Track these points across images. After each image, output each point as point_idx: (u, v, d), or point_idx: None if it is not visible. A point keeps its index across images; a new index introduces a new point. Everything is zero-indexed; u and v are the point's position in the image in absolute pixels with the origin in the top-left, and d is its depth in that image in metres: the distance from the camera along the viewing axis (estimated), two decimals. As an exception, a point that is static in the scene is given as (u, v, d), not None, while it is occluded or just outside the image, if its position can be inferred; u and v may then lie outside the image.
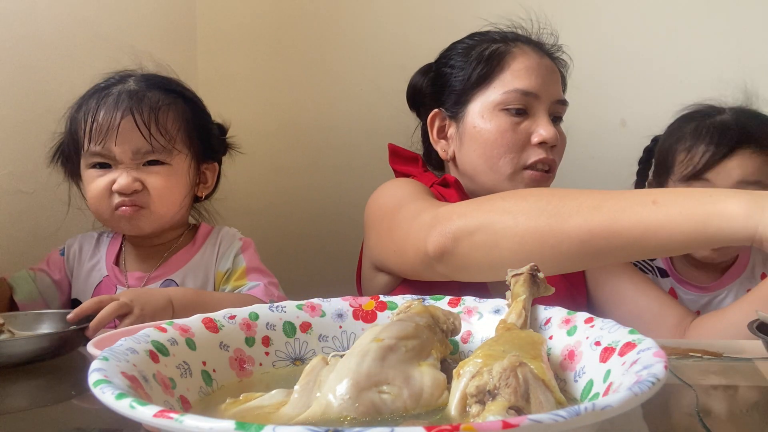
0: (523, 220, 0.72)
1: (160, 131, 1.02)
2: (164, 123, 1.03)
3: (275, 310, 0.60)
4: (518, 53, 1.04)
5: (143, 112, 1.01)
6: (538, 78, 1.01)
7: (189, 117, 1.08)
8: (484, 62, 1.03)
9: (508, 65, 1.02)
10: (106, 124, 1.00)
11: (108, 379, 0.39)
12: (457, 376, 0.44)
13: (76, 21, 1.29)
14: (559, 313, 0.57)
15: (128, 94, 1.03)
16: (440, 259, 0.77)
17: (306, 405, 0.44)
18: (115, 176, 1.01)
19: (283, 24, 1.64)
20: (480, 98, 1.02)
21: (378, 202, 0.99)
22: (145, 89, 1.04)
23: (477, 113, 1.02)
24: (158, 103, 1.03)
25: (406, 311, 0.56)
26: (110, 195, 1.02)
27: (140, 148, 1.01)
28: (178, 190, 1.06)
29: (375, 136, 1.54)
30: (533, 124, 1.00)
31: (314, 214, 1.61)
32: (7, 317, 0.86)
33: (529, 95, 1.00)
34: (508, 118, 1.00)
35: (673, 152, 1.16)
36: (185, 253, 1.09)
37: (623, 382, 0.41)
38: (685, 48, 1.44)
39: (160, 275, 1.07)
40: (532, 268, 0.63)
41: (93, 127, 1.01)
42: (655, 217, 0.67)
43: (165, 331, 0.51)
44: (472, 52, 1.05)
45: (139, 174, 1.02)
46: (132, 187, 1.01)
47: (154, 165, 1.03)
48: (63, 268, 1.11)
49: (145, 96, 1.03)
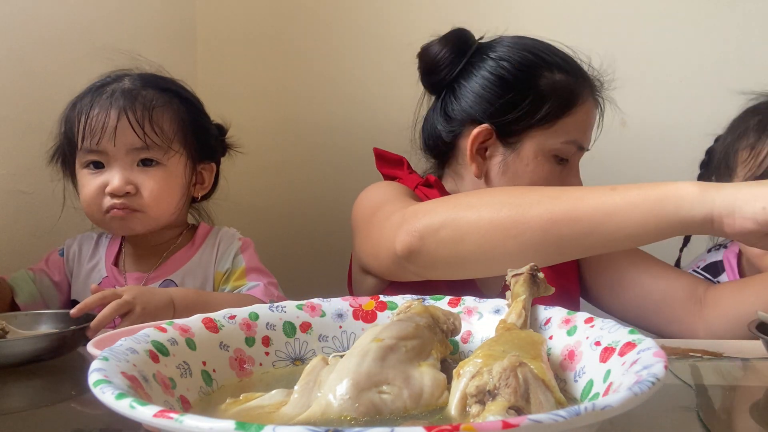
0: (486, 212, 0.73)
1: (154, 130, 1.01)
2: (159, 121, 1.02)
3: (275, 310, 0.60)
4: (586, 102, 0.98)
5: (137, 110, 1.00)
6: (590, 132, 0.99)
7: (185, 116, 1.06)
8: (556, 99, 0.96)
9: (575, 112, 0.96)
10: (100, 122, 1.00)
11: (108, 379, 0.39)
12: (457, 376, 0.44)
13: (76, 22, 1.29)
14: (559, 313, 0.57)
15: (122, 92, 1.02)
16: (409, 257, 0.78)
17: (306, 405, 0.44)
18: (108, 177, 1.00)
19: (283, 24, 1.64)
20: (540, 136, 0.96)
21: (360, 206, 0.99)
22: (140, 87, 1.03)
23: (533, 151, 0.96)
24: (153, 101, 1.02)
25: (406, 311, 0.56)
26: (103, 196, 1.01)
27: (134, 146, 1.00)
28: (173, 192, 1.05)
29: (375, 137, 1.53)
30: (568, 176, 0.98)
31: (314, 214, 1.61)
32: (6, 317, 0.86)
33: (582, 150, 0.98)
34: (555, 166, 0.97)
35: (735, 150, 1.04)
36: (184, 254, 1.09)
37: (623, 382, 0.41)
38: (685, 48, 1.44)
39: (159, 276, 1.07)
40: (532, 268, 0.63)
41: (86, 125, 1.00)
42: (612, 201, 0.68)
43: (165, 331, 0.51)
44: (542, 81, 0.96)
45: (133, 175, 1.01)
46: (124, 190, 1.00)
47: (148, 165, 1.02)
48: (62, 269, 1.10)
49: (139, 94, 1.02)
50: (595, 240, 0.70)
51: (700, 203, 0.64)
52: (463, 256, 0.74)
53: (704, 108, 1.42)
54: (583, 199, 0.70)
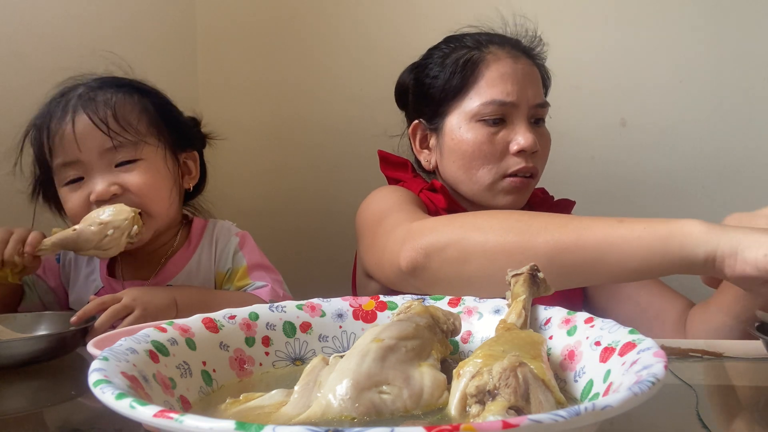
0: (492, 236, 0.73)
1: (120, 124, 0.97)
2: (123, 115, 0.98)
3: (275, 310, 0.60)
4: (492, 60, 1.02)
5: (98, 110, 0.97)
6: (514, 85, 1.00)
7: (150, 107, 1.03)
8: (459, 72, 1.02)
9: (483, 74, 1.01)
10: (62, 131, 0.96)
11: (108, 379, 0.39)
12: (457, 376, 0.44)
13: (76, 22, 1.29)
14: (559, 313, 0.57)
15: (79, 97, 0.99)
16: (412, 273, 0.78)
17: (306, 405, 0.44)
18: (90, 186, 0.97)
19: (283, 24, 1.64)
20: (457, 109, 1.02)
21: (365, 212, 1.00)
22: (96, 89, 1.00)
23: (455, 125, 1.02)
24: (112, 98, 0.99)
25: (406, 311, 0.56)
26: (90, 207, 0.96)
27: (104, 147, 0.96)
28: (161, 183, 1.01)
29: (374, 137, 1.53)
30: (511, 133, 0.99)
31: (314, 214, 1.61)
32: (5, 318, 0.86)
33: (506, 105, 0.99)
34: (485, 128, 0.99)
35: None
36: (182, 256, 1.06)
37: (623, 382, 0.41)
38: (685, 48, 1.44)
39: (159, 282, 1.03)
40: (532, 268, 0.63)
41: (51, 139, 0.97)
42: (618, 233, 0.68)
43: (165, 331, 0.51)
44: (447, 61, 1.04)
45: (113, 177, 0.97)
46: (109, 192, 0.96)
47: (126, 165, 0.98)
48: (58, 275, 1.08)
49: (97, 95, 0.99)
50: (599, 271, 0.70)
51: (705, 242, 0.64)
52: (468, 277, 0.74)
53: (704, 108, 1.43)
54: (589, 228, 0.70)
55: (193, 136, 1.10)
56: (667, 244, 0.66)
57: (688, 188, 1.44)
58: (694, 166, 1.39)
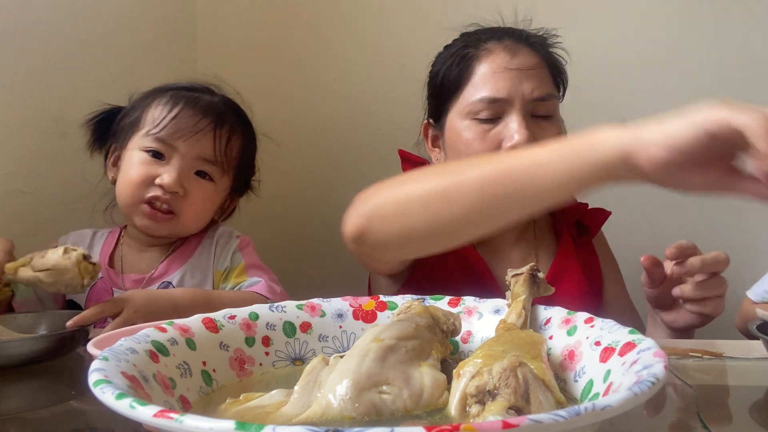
0: (426, 182, 0.73)
1: (226, 151, 1.07)
2: (233, 146, 1.09)
3: (275, 310, 0.60)
4: (485, 56, 1.00)
5: (224, 128, 1.07)
6: (506, 81, 0.98)
7: (248, 151, 1.13)
8: (455, 69, 1.02)
9: (475, 72, 1.00)
10: (190, 123, 1.04)
11: (108, 379, 0.39)
12: (457, 376, 0.44)
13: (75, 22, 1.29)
14: (559, 313, 0.57)
15: (215, 107, 1.08)
16: (359, 240, 0.76)
17: (306, 405, 0.44)
18: (165, 171, 1.02)
19: (284, 25, 1.64)
20: (455, 107, 1.01)
21: None
22: (229, 110, 1.11)
23: (453, 123, 1.01)
24: (237, 127, 1.10)
25: (406, 311, 0.57)
26: (149, 186, 1.02)
27: (204, 156, 1.04)
28: (210, 209, 1.09)
29: (376, 136, 1.53)
30: (505, 129, 0.97)
31: (314, 214, 1.61)
32: (5, 318, 0.86)
33: (497, 102, 0.97)
34: (478, 126, 0.98)
35: None
36: (182, 254, 1.09)
37: (623, 382, 0.41)
38: (685, 48, 1.44)
39: (158, 277, 1.06)
40: (531, 268, 0.63)
41: (175, 119, 1.03)
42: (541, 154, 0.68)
43: (165, 331, 0.51)
44: (448, 59, 1.04)
45: (187, 180, 1.04)
46: (175, 188, 1.02)
47: (202, 177, 1.05)
48: None
49: (229, 116, 1.09)
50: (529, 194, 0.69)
51: (614, 138, 0.61)
52: (410, 228, 0.74)
53: (704, 108, 1.42)
54: (516, 157, 0.70)
55: (249, 183, 1.19)
56: (579, 150, 0.65)
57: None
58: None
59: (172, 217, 1.04)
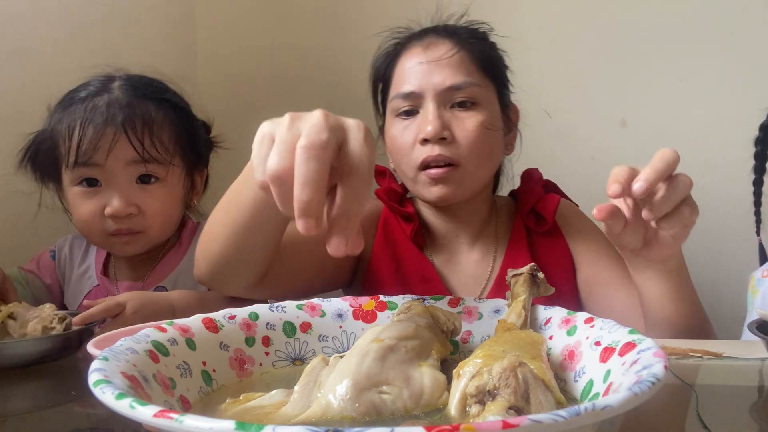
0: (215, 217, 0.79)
1: (155, 145, 0.97)
2: (159, 136, 0.98)
3: (275, 310, 0.60)
4: (404, 54, 1.00)
5: (136, 127, 0.96)
6: (417, 75, 0.97)
7: (181, 128, 1.03)
8: (382, 70, 1.03)
9: (394, 72, 1.01)
10: (96, 139, 0.95)
11: (108, 379, 0.39)
12: (456, 376, 0.44)
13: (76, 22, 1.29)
14: (559, 313, 0.57)
15: (118, 106, 0.96)
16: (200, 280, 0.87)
17: (306, 405, 0.44)
18: (107, 198, 0.97)
19: (284, 25, 1.64)
20: (388, 107, 1.02)
21: None
22: (133, 98, 0.98)
23: (387, 122, 1.02)
24: (152, 114, 0.98)
25: (406, 312, 0.57)
26: (102, 219, 0.98)
27: (133, 160, 0.96)
28: (174, 208, 1.04)
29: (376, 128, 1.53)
30: (420, 123, 0.96)
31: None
32: None
33: (410, 96, 0.97)
34: (399, 122, 0.98)
35: None
36: (173, 257, 1.08)
37: (623, 382, 0.41)
38: (685, 48, 1.44)
39: (151, 283, 1.05)
40: (531, 268, 0.63)
41: (80, 142, 0.95)
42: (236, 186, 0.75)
43: (165, 331, 0.51)
44: (378, 61, 1.05)
45: (133, 194, 0.98)
46: (126, 212, 0.97)
47: (147, 182, 0.99)
48: (54, 272, 1.09)
49: (137, 107, 0.97)
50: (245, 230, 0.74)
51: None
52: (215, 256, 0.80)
53: (704, 108, 1.42)
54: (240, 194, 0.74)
55: (206, 149, 1.10)
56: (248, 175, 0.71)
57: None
58: (694, 165, 1.38)
59: (141, 235, 1.01)
